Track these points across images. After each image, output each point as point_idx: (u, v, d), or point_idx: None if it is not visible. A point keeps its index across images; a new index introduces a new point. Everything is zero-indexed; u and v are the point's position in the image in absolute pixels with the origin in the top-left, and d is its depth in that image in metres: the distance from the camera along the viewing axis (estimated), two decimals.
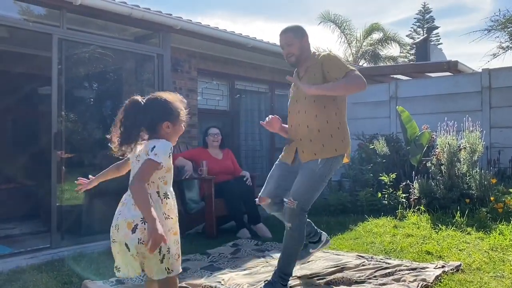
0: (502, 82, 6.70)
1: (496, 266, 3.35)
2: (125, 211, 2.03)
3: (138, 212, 1.95)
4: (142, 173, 1.98)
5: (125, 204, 2.06)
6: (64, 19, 4.47)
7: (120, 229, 2.02)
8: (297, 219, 2.85)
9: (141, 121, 2.08)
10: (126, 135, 2.07)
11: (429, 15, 30.72)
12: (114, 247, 2.07)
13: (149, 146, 2.03)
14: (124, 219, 2.01)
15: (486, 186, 5.13)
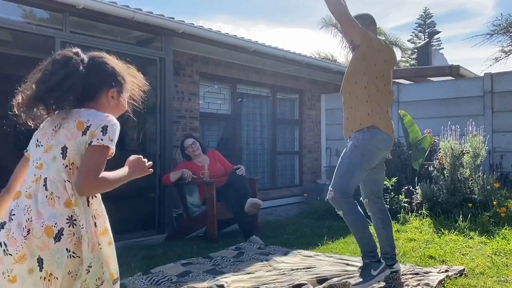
0: (504, 87, 6.70)
1: (499, 270, 3.33)
2: (41, 209, 1.41)
3: (58, 209, 1.40)
4: (97, 167, 1.44)
5: (30, 197, 1.43)
6: (67, 22, 4.48)
7: (29, 233, 1.39)
8: (343, 203, 2.99)
9: (79, 81, 1.51)
10: (43, 95, 1.49)
11: (430, 20, 30.79)
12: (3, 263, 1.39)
13: (88, 121, 1.47)
14: (42, 222, 1.39)
15: (488, 191, 5.12)
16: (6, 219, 1.43)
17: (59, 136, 1.48)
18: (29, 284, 1.36)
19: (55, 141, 1.48)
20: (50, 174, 1.45)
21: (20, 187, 1.50)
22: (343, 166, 3.01)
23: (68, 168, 1.46)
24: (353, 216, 3.01)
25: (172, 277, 3.33)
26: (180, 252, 4.18)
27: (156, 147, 5.30)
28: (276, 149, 7.99)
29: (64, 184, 1.44)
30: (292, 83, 8.21)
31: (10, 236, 1.39)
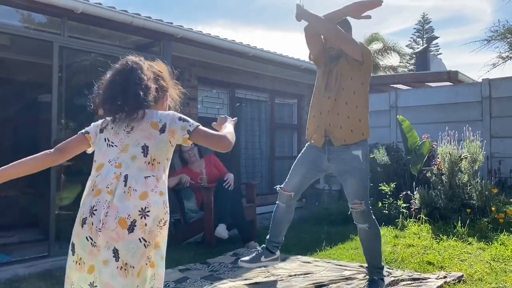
0: (502, 92, 6.71)
1: (498, 277, 3.32)
2: (117, 203, 1.51)
3: (138, 204, 1.51)
4: (213, 133, 1.68)
5: (111, 193, 1.53)
6: (65, 27, 4.48)
7: (105, 226, 1.48)
8: (371, 217, 3.02)
9: (137, 89, 1.65)
10: (115, 99, 1.63)
11: (429, 25, 30.95)
12: (94, 254, 1.50)
13: (162, 118, 1.65)
14: (117, 214, 1.50)
15: (487, 196, 5.11)
16: (87, 214, 1.53)
17: (135, 136, 1.61)
18: (106, 274, 1.46)
19: (131, 141, 1.60)
20: (131, 171, 1.56)
21: (100, 184, 1.57)
22: (364, 178, 3.01)
23: (150, 165, 1.58)
24: (377, 230, 3.09)
25: (169, 283, 3.31)
26: (178, 258, 4.16)
27: None
28: (274, 154, 7.99)
29: (145, 180, 1.55)
30: (290, 88, 8.21)
31: (94, 229, 1.49)
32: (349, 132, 2.97)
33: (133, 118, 1.62)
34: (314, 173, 3.24)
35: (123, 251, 1.47)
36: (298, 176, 3.21)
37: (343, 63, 3.01)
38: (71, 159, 4.72)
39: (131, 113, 1.60)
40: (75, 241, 1.55)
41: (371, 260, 3.09)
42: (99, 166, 1.63)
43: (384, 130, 7.64)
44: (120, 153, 1.60)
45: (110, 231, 1.47)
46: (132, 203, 1.50)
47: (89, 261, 1.51)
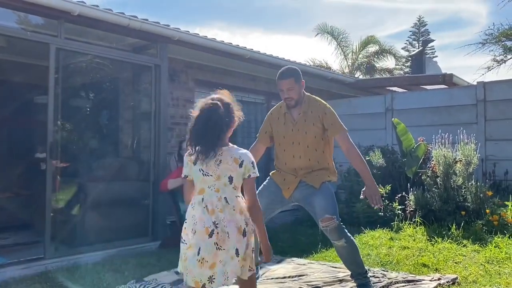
0: (497, 95, 6.76)
1: (492, 279, 3.34)
2: (230, 217, 2.08)
3: (241, 216, 2.10)
4: (254, 193, 2.14)
5: (222, 211, 2.08)
6: (62, 29, 4.48)
7: (231, 234, 2.05)
8: (344, 231, 3.03)
9: (222, 125, 2.16)
10: (211, 140, 2.12)
11: (424, 28, 31.08)
12: (217, 255, 2.04)
13: (240, 158, 2.12)
14: (235, 225, 2.07)
15: (481, 199, 5.14)
16: (213, 227, 2.04)
17: (223, 169, 2.10)
18: (232, 265, 2.03)
19: (221, 172, 2.11)
20: (228, 194, 2.10)
21: (209, 205, 2.08)
22: (331, 195, 3.08)
23: (234, 189, 2.12)
24: (353, 242, 3.10)
25: (165, 285, 3.32)
26: (174, 259, 4.14)
27: (151, 154, 5.29)
28: (271, 156, 7.99)
29: (237, 199, 2.12)
30: None
31: (219, 238, 2.03)
32: (313, 173, 3.16)
33: (215, 153, 2.10)
34: (277, 204, 3.25)
35: (241, 250, 2.06)
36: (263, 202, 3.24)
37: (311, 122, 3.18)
38: (67, 161, 4.72)
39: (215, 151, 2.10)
40: (202, 245, 2.04)
41: (355, 269, 3.12)
42: (201, 191, 2.13)
43: (380, 133, 7.68)
44: (215, 180, 2.11)
45: (234, 237, 2.04)
46: (239, 217, 2.09)
47: (211, 260, 2.02)
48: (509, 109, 6.62)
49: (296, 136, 3.17)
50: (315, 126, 3.14)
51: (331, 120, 3.15)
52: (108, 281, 3.48)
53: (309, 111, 3.19)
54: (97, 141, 5.82)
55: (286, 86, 3.17)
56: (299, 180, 3.14)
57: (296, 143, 3.17)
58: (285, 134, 3.23)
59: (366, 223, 5.54)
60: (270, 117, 3.37)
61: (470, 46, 7.94)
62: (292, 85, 3.15)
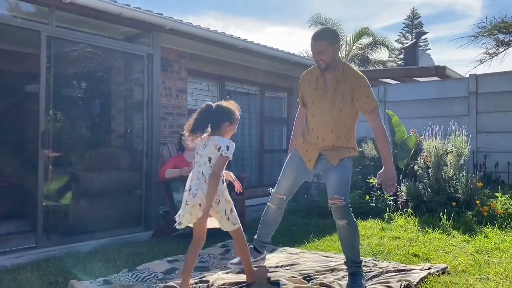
0: (489, 88, 6.80)
1: (481, 268, 3.39)
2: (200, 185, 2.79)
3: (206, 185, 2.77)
4: (219, 169, 2.77)
5: (198, 179, 2.81)
6: (53, 16, 4.43)
7: (196, 197, 2.75)
8: (349, 213, 3.02)
9: (210, 119, 2.87)
10: (195, 127, 2.81)
11: (418, 21, 31.13)
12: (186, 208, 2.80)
13: (219, 144, 2.79)
14: (203, 193, 2.76)
15: (472, 190, 5.20)
16: (188, 188, 2.84)
17: (206, 151, 2.84)
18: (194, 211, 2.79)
19: (205, 153, 2.84)
20: (204, 170, 2.81)
21: (192, 174, 2.88)
22: (346, 175, 3.06)
23: (211, 167, 2.79)
24: (355, 226, 3.09)
25: (158, 274, 3.33)
26: (167, 249, 4.18)
27: (143, 144, 5.27)
28: (264, 147, 8.01)
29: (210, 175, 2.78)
30: (280, 81, 8.23)
31: (190, 195, 2.79)
32: (332, 150, 3.15)
33: (205, 140, 2.88)
34: (303, 176, 3.33)
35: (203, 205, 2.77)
36: (288, 181, 3.32)
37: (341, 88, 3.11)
38: (59, 150, 4.69)
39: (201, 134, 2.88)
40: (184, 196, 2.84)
41: (350, 255, 3.10)
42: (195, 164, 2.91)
43: None
44: (200, 158, 2.86)
45: (199, 198, 2.74)
46: (205, 186, 2.76)
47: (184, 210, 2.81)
48: (500, 102, 6.67)
49: (323, 104, 3.10)
50: (344, 99, 3.05)
51: (364, 93, 3.04)
52: (100, 270, 3.48)
53: (343, 80, 3.06)
54: (89, 131, 5.78)
55: (318, 48, 3.02)
56: (318, 153, 3.14)
57: (321, 111, 3.10)
58: (314, 100, 3.17)
59: (358, 213, 5.57)
60: (301, 82, 3.32)
61: (463, 39, 8.00)
62: (324, 47, 3.00)
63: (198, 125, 2.82)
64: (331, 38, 3.06)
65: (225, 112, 2.89)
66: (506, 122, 6.59)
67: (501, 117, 6.65)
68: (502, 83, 6.71)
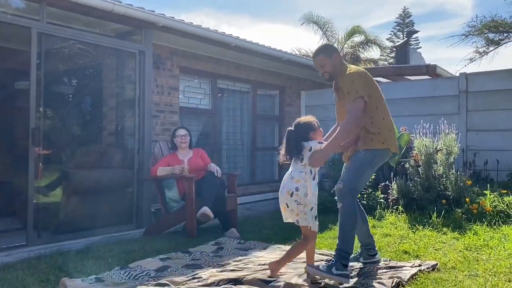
0: (479, 87, 6.87)
1: (470, 265, 3.44)
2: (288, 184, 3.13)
3: (294, 184, 3.08)
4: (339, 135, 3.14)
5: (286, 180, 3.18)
6: (44, 12, 4.39)
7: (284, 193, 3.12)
8: (346, 198, 3.13)
9: (298, 138, 3.15)
10: (289, 151, 3.18)
11: (409, 19, 31.30)
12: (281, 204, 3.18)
13: (309, 145, 3.11)
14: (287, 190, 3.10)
15: (461, 188, 5.26)
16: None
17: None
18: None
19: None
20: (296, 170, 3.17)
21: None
22: (356, 164, 3.21)
23: (302, 166, 3.13)
24: (349, 211, 3.12)
25: (150, 272, 3.33)
26: (159, 247, 4.17)
27: (135, 141, 5.25)
28: (256, 145, 8.02)
29: (300, 174, 3.15)
30: (272, 79, 8.23)
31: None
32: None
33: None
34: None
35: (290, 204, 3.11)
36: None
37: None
38: (50, 148, 4.65)
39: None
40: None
41: (339, 240, 3.15)
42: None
43: None
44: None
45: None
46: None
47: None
48: (490, 101, 6.74)
49: (341, 110, 3.38)
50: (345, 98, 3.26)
51: (345, 89, 3.23)
52: (92, 268, 3.47)
53: (342, 83, 3.30)
54: (80, 128, 5.75)
55: (318, 63, 3.36)
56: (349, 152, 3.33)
57: (341, 116, 3.40)
58: (336, 106, 3.50)
59: None
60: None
61: (454, 37, 8.05)
62: (323, 60, 3.32)
63: (291, 149, 3.14)
64: (326, 51, 3.37)
65: (305, 126, 3.16)
66: (496, 120, 6.66)
67: (490, 115, 6.72)
68: (492, 82, 6.78)
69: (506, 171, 6.28)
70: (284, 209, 3.16)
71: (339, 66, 3.34)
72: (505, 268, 3.32)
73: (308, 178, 3.10)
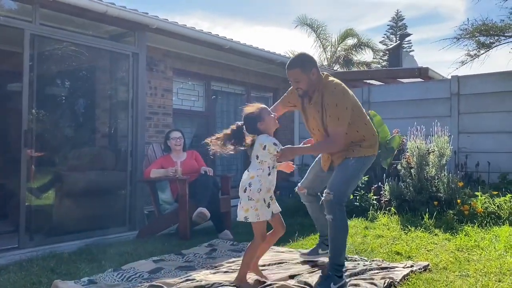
0: (470, 89, 6.94)
1: (461, 265, 3.47)
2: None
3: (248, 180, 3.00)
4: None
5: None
6: (37, 14, 4.38)
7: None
8: (336, 209, 3.02)
9: (247, 130, 3.05)
10: (239, 140, 3.05)
11: (402, 23, 31.51)
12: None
13: (263, 143, 2.96)
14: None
15: (453, 189, 5.30)
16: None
17: (255, 150, 3.00)
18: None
19: (253, 153, 3.02)
20: (251, 168, 3.02)
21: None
22: (346, 173, 3.12)
23: (259, 163, 3.00)
24: (341, 223, 3.07)
25: (143, 274, 3.33)
26: (152, 249, 4.17)
27: (128, 143, 5.24)
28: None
29: (257, 171, 3.00)
30: (266, 81, 8.26)
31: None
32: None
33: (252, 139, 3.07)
34: (322, 173, 3.43)
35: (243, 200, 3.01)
36: (309, 175, 3.51)
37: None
38: (43, 150, 4.64)
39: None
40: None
41: (331, 253, 3.08)
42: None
43: None
44: (252, 157, 3.06)
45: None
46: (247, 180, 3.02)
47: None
48: (481, 103, 6.81)
49: (311, 124, 3.24)
50: (325, 116, 3.07)
51: (328, 110, 3.02)
52: (85, 270, 3.46)
53: (320, 100, 3.05)
54: (73, 130, 5.72)
55: (292, 77, 3.02)
56: (331, 160, 3.27)
57: (312, 129, 3.28)
58: (305, 118, 3.34)
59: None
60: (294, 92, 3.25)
61: (446, 40, 8.08)
62: (298, 76, 2.98)
63: (240, 138, 3.02)
64: (303, 65, 2.98)
65: (251, 118, 3.01)
66: (487, 123, 6.73)
67: (482, 118, 6.79)
68: (483, 84, 6.85)
69: (497, 172, 6.35)
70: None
71: (316, 82, 3.06)
72: (495, 268, 3.35)
73: (263, 174, 2.97)
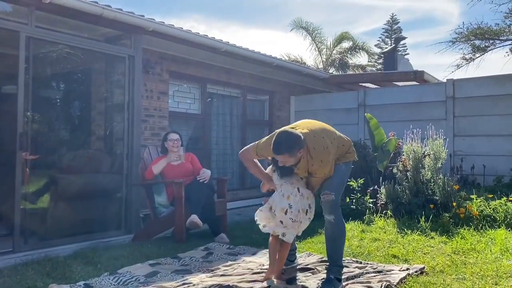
0: (465, 92, 6.98)
1: (458, 268, 3.48)
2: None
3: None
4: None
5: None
6: (33, 16, 4.36)
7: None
8: (338, 209, 3.13)
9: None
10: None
11: (397, 26, 31.67)
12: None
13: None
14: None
15: (449, 192, 5.32)
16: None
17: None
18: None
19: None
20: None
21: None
22: (341, 175, 3.19)
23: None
24: (342, 226, 3.17)
25: (139, 277, 3.31)
26: (148, 252, 4.14)
27: (124, 146, 5.22)
28: None
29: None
30: (262, 84, 8.26)
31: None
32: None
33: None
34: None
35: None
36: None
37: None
38: (38, 153, 4.59)
39: None
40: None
41: (332, 255, 3.13)
42: None
43: (353, 127, 7.81)
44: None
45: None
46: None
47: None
48: (476, 106, 6.85)
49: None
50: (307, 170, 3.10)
51: (319, 173, 3.09)
52: (80, 274, 3.43)
53: (302, 163, 3.08)
54: (69, 133, 5.69)
55: (280, 158, 3.04)
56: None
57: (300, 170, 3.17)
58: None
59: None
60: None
61: (441, 44, 8.17)
62: (285, 158, 3.02)
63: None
64: (291, 150, 2.96)
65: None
66: (482, 126, 6.76)
67: (477, 121, 6.82)
68: (478, 88, 6.89)
69: (492, 175, 6.38)
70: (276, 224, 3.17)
71: (299, 158, 3.06)
72: (491, 271, 3.36)
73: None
